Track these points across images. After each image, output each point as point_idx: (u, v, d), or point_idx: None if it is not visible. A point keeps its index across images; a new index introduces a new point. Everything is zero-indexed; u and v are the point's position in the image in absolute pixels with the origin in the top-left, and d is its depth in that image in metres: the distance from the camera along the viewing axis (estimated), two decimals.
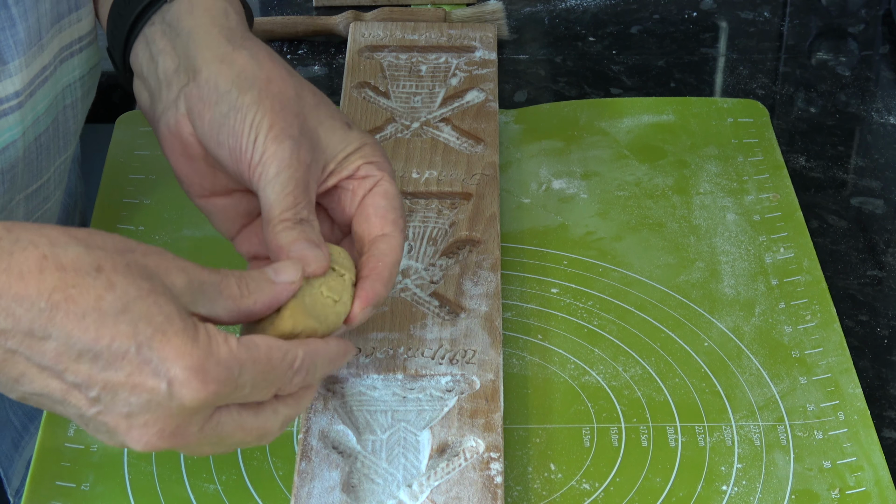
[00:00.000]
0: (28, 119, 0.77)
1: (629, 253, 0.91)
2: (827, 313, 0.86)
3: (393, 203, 0.72)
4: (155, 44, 0.76)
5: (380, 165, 0.73)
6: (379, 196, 0.72)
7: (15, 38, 0.74)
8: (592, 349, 0.84)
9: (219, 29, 0.75)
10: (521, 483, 0.76)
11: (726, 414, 0.80)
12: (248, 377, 0.61)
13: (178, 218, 0.93)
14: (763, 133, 1.02)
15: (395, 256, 0.71)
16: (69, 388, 0.59)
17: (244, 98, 0.71)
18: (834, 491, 0.75)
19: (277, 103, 0.71)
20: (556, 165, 0.98)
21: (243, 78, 0.72)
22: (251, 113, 0.71)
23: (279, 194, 0.70)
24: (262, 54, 0.74)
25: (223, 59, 0.73)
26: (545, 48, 1.15)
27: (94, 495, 0.75)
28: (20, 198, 0.81)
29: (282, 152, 0.70)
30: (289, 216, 0.69)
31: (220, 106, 0.72)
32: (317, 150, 0.72)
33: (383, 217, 0.72)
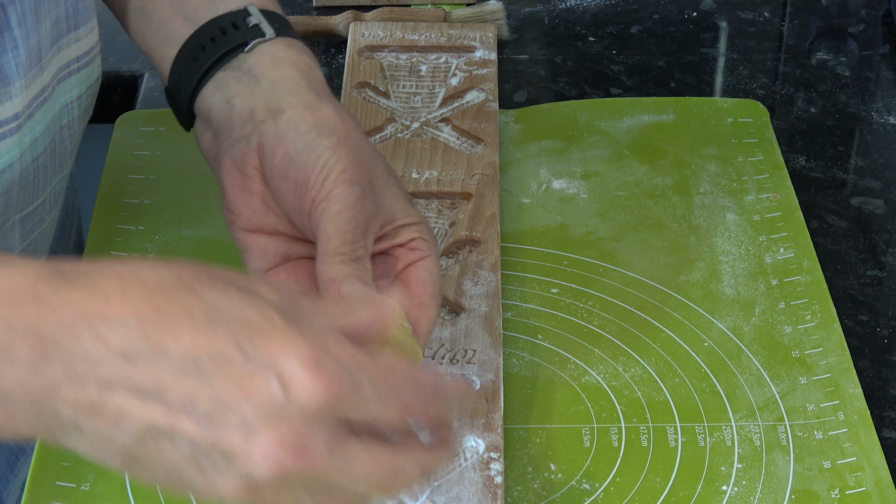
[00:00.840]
0: (26, 141, 0.77)
1: (629, 253, 0.91)
2: (827, 313, 0.86)
3: (434, 279, 0.71)
4: (229, 88, 0.76)
5: (430, 246, 0.72)
6: (423, 269, 0.71)
7: (17, 60, 0.74)
8: (592, 349, 0.84)
9: (307, 82, 0.75)
10: (521, 483, 0.76)
11: (726, 414, 0.80)
12: (368, 378, 0.55)
13: (178, 218, 0.93)
14: (763, 133, 1.02)
15: (428, 326, 0.69)
16: (175, 412, 0.53)
17: (322, 141, 0.71)
18: (834, 491, 0.75)
19: (353, 153, 0.71)
20: (556, 165, 0.98)
21: (325, 125, 0.72)
22: (326, 154, 0.71)
23: (340, 229, 0.69)
24: (345, 113, 0.74)
25: (308, 106, 0.73)
26: (545, 48, 1.15)
27: (94, 495, 0.75)
28: (15, 219, 0.80)
29: (349, 194, 0.69)
30: (346, 251, 0.68)
31: (297, 143, 0.72)
32: (379, 207, 0.72)
33: (423, 287, 0.71)
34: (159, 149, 0.99)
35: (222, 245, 0.91)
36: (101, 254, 0.90)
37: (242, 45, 0.78)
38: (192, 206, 0.94)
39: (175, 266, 0.56)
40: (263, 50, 0.77)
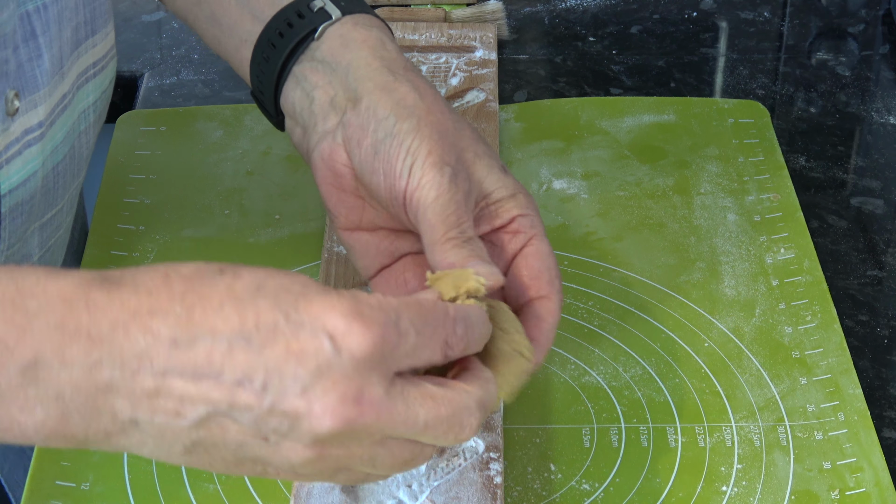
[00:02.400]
0: (48, 149, 0.77)
1: (630, 253, 0.91)
2: (827, 314, 0.86)
3: (547, 263, 0.70)
4: (307, 80, 0.75)
5: (533, 221, 0.71)
6: (532, 257, 0.70)
7: (41, 68, 0.74)
8: (593, 349, 0.84)
9: (379, 61, 0.74)
10: (521, 483, 0.76)
11: (726, 414, 0.80)
12: (407, 321, 0.56)
13: (179, 218, 0.93)
14: (763, 133, 1.02)
15: (552, 320, 0.69)
16: (232, 389, 0.54)
17: (402, 125, 0.70)
18: (834, 492, 0.75)
19: (436, 132, 0.70)
20: (557, 165, 0.98)
21: (403, 106, 0.71)
22: (409, 139, 0.69)
23: (441, 215, 0.68)
24: (423, 86, 0.72)
25: (384, 88, 0.72)
26: (545, 48, 1.15)
27: (94, 495, 0.75)
28: (35, 227, 0.80)
29: (440, 177, 0.68)
30: (455, 234, 0.67)
31: (378, 132, 0.70)
32: (472, 182, 0.70)
33: (538, 278, 0.70)
34: (159, 149, 0.99)
35: (222, 245, 0.91)
36: (101, 254, 0.90)
37: (312, 32, 0.76)
38: (193, 206, 0.94)
39: (216, 263, 0.57)
40: (333, 33, 0.75)
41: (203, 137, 1.00)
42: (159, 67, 1.11)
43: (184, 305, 0.55)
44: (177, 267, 0.56)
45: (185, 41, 1.14)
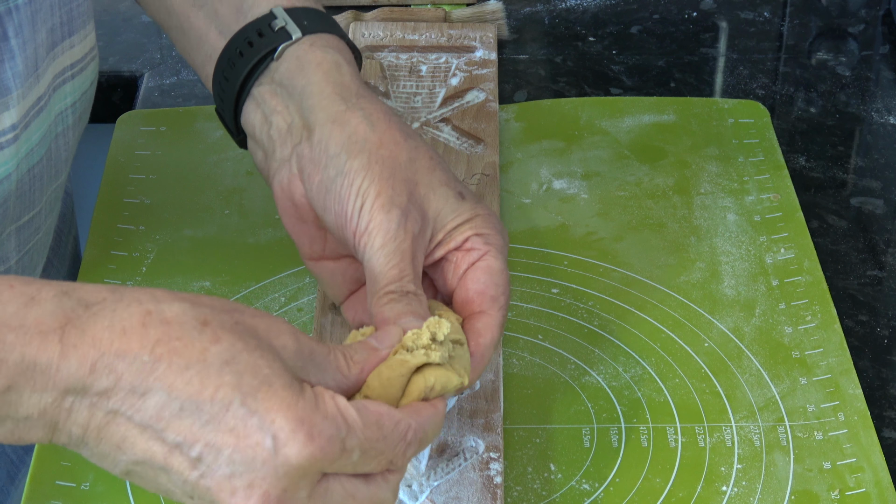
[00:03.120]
0: (22, 151, 0.76)
1: (630, 253, 0.91)
2: (827, 314, 0.86)
3: (495, 279, 0.70)
4: (266, 104, 0.74)
5: (488, 238, 0.70)
6: (481, 271, 0.70)
7: (14, 70, 0.73)
8: (592, 349, 0.84)
9: (332, 86, 0.73)
10: (521, 483, 0.76)
11: (726, 414, 0.80)
12: (357, 441, 0.58)
13: (178, 218, 0.93)
14: (764, 133, 1.02)
15: (490, 336, 0.69)
16: (170, 449, 0.57)
17: (352, 163, 0.69)
18: (834, 492, 0.75)
19: (387, 169, 0.69)
20: (557, 165, 0.98)
21: (354, 141, 0.70)
22: (359, 179, 0.69)
23: (384, 266, 0.68)
24: (377, 113, 0.71)
25: (336, 120, 0.71)
26: (545, 48, 1.15)
27: (94, 495, 0.75)
28: (11, 230, 0.79)
29: (388, 223, 0.68)
30: (394, 288, 0.67)
31: (329, 169, 0.70)
32: (425, 218, 0.70)
33: (482, 293, 0.69)
34: (159, 149, 0.99)
35: (222, 245, 0.91)
36: (101, 254, 0.90)
37: (272, 52, 0.75)
38: (193, 206, 0.94)
39: (201, 305, 0.58)
40: (290, 55, 0.75)
41: (203, 137, 1.00)
42: (159, 67, 1.11)
43: (152, 355, 0.56)
44: (161, 307, 0.57)
45: None
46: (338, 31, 0.77)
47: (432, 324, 0.64)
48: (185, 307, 0.58)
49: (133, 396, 0.56)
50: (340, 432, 0.57)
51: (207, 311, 0.58)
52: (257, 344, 0.58)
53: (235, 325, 0.58)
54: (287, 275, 0.88)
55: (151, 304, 0.57)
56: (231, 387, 0.56)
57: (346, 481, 0.59)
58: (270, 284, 0.88)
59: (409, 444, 0.61)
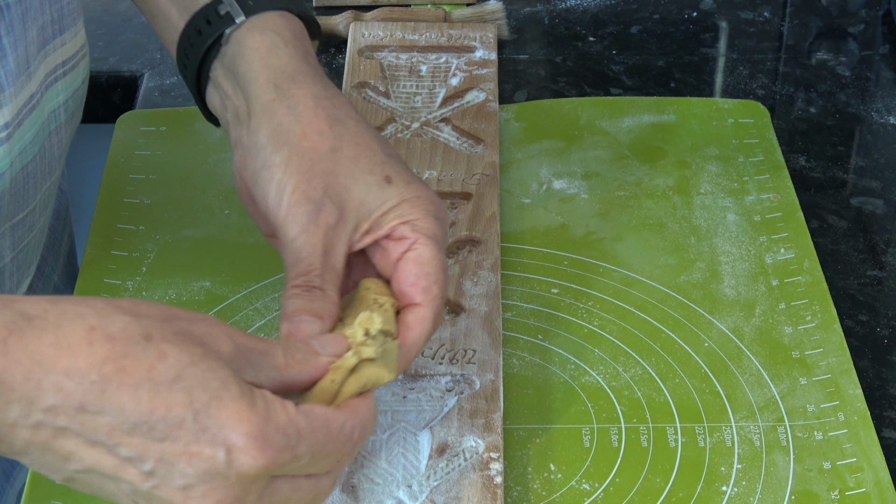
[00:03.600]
0: (15, 149, 0.76)
1: (629, 253, 0.91)
2: (827, 314, 0.86)
3: (425, 269, 0.69)
4: (221, 88, 0.75)
5: (415, 225, 0.70)
6: (410, 262, 0.69)
7: (6, 68, 0.73)
8: (592, 349, 0.84)
9: (267, 72, 0.73)
10: (521, 483, 0.76)
11: (726, 414, 0.80)
12: (307, 448, 0.59)
13: (178, 218, 0.93)
14: (764, 133, 1.02)
15: (420, 330, 0.68)
16: (122, 462, 0.57)
17: (275, 156, 0.70)
18: (834, 492, 0.75)
19: (306, 162, 0.69)
20: (557, 165, 0.98)
21: (278, 133, 0.71)
22: (279, 172, 0.70)
23: (293, 260, 0.68)
24: (304, 102, 0.71)
25: (265, 110, 0.72)
26: (545, 48, 1.15)
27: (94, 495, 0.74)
28: (6, 228, 0.79)
29: (300, 216, 0.68)
30: (299, 283, 0.67)
31: (257, 161, 0.71)
32: (346, 209, 0.69)
33: (413, 285, 0.69)
34: (159, 149, 0.99)
35: (222, 245, 0.91)
36: (100, 254, 0.90)
37: (220, 37, 0.75)
38: (193, 205, 0.94)
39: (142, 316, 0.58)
40: (235, 39, 0.75)
41: (203, 137, 1.00)
42: (159, 67, 1.11)
43: (101, 374, 0.56)
44: (104, 322, 0.57)
45: None
46: (284, 5, 0.76)
47: (364, 320, 0.65)
48: (128, 321, 0.58)
49: (83, 415, 0.56)
50: (291, 441, 0.58)
51: (148, 322, 0.58)
52: (202, 353, 0.58)
53: (176, 334, 0.58)
54: None
55: (95, 319, 0.57)
56: (182, 404, 0.57)
57: (292, 478, 0.61)
58: (270, 284, 0.88)
59: (355, 443, 0.62)
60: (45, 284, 0.95)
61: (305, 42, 0.76)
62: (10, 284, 0.83)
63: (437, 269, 0.70)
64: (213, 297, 0.87)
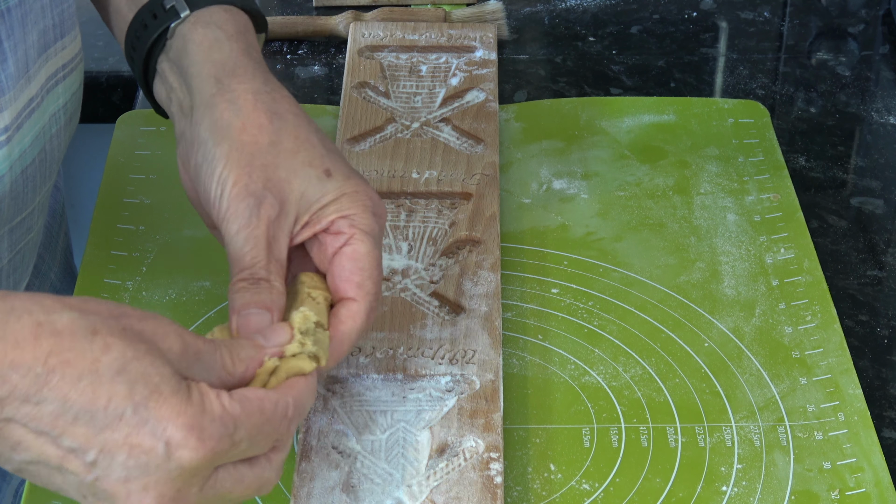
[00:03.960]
0: (15, 153, 0.76)
1: (629, 253, 0.91)
2: (827, 314, 0.86)
3: (360, 264, 0.70)
4: (167, 80, 0.76)
5: (353, 220, 0.70)
6: (346, 257, 0.70)
7: (6, 72, 0.73)
8: (592, 349, 0.84)
9: (210, 66, 0.74)
10: (521, 483, 0.76)
11: (726, 414, 0.80)
12: (245, 432, 0.60)
13: (178, 218, 0.93)
14: (764, 133, 1.02)
15: (352, 324, 0.69)
16: (65, 453, 0.58)
17: (215, 150, 0.71)
18: (834, 492, 0.75)
19: (245, 156, 0.70)
20: (557, 165, 0.98)
21: (219, 127, 0.71)
22: (220, 166, 0.70)
23: (237, 253, 0.69)
24: (244, 97, 0.72)
25: (207, 104, 0.72)
26: (545, 48, 1.15)
27: None
28: (4, 231, 0.79)
29: (242, 210, 0.69)
30: (245, 276, 0.68)
31: (198, 155, 0.71)
32: (287, 202, 0.70)
33: (347, 280, 0.70)
34: (159, 149, 0.99)
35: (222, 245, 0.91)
36: (100, 254, 0.90)
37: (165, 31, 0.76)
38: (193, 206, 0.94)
39: (90, 313, 0.59)
40: (179, 33, 0.76)
41: None
42: None
43: (46, 367, 0.57)
44: (51, 318, 0.58)
45: None
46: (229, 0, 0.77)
47: (296, 319, 0.66)
48: (75, 317, 0.59)
49: (27, 405, 0.57)
50: (228, 429, 0.60)
51: (96, 318, 0.59)
52: (146, 349, 0.59)
53: (123, 330, 0.59)
54: None
55: (42, 314, 0.58)
56: (123, 396, 0.58)
57: (233, 469, 0.62)
58: None
59: (291, 420, 0.63)
60: (43, 283, 0.95)
61: (249, 36, 0.77)
62: (7, 286, 0.83)
63: (371, 265, 0.70)
64: (213, 297, 0.87)
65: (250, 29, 0.77)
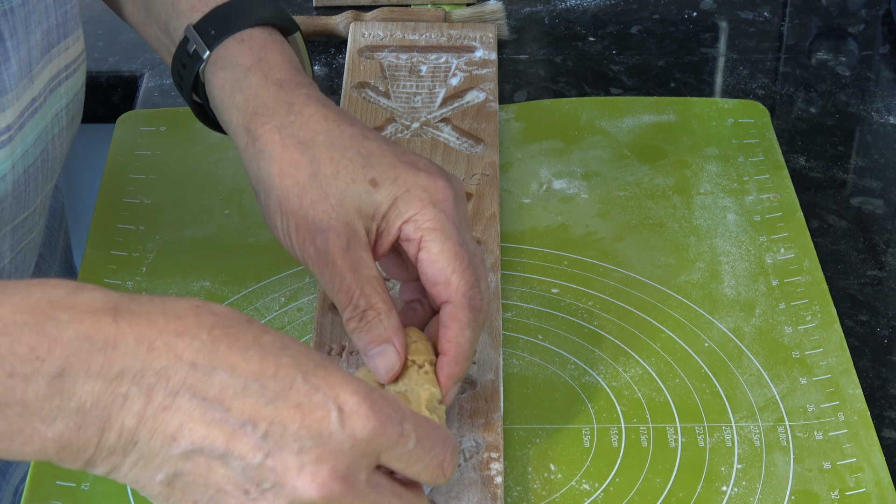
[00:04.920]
0: (17, 153, 0.76)
1: (629, 253, 0.91)
2: (827, 314, 0.86)
3: (438, 266, 0.69)
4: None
5: (416, 222, 0.70)
6: (423, 265, 0.70)
7: (8, 71, 0.73)
8: (592, 349, 0.84)
9: (236, 113, 0.74)
10: (521, 483, 0.76)
11: (726, 414, 0.80)
12: (412, 426, 0.59)
13: (178, 218, 0.93)
14: (764, 133, 1.02)
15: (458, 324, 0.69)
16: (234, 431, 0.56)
17: (268, 203, 0.71)
18: (834, 492, 0.75)
19: (294, 199, 0.70)
20: (557, 165, 0.98)
21: (261, 179, 0.72)
22: (277, 218, 0.71)
23: (334, 295, 0.69)
24: (271, 139, 0.72)
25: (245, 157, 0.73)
26: (545, 48, 1.15)
27: (93, 495, 0.75)
28: (6, 231, 0.79)
29: (313, 254, 0.69)
30: (349, 315, 0.68)
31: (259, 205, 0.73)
32: (350, 224, 0.70)
33: (434, 286, 0.70)
34: (159, 149, 0.99)
35: (222, 245, 0.91)
36: (100, 254, 0.90)
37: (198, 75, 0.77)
38: (193, 206, 0.94)
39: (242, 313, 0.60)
40: (207, 77, 0.77)
41: (203, 137, 1.00)
42: (159, 67, 1.11)
43: (211, 336, 0.56)
44: (208, 303, 0.58)
45: None
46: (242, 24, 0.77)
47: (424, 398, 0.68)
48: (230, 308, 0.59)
49: (195, 374, 0.56)
50: (397, 414, 0.59)
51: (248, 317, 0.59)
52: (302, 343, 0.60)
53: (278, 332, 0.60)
54: (287, 275, 0.88)
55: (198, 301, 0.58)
56: (291, 366, 0.57)
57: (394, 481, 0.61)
58: (270, 284, 0.88)
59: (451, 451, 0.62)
60: None
61: (270, 54, 0.76)
62: None
63: (448, 259, 0.70)
64: (213, 297, 0.87)
65: (268, 45, 0.76)
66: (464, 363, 0.69)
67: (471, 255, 0.70)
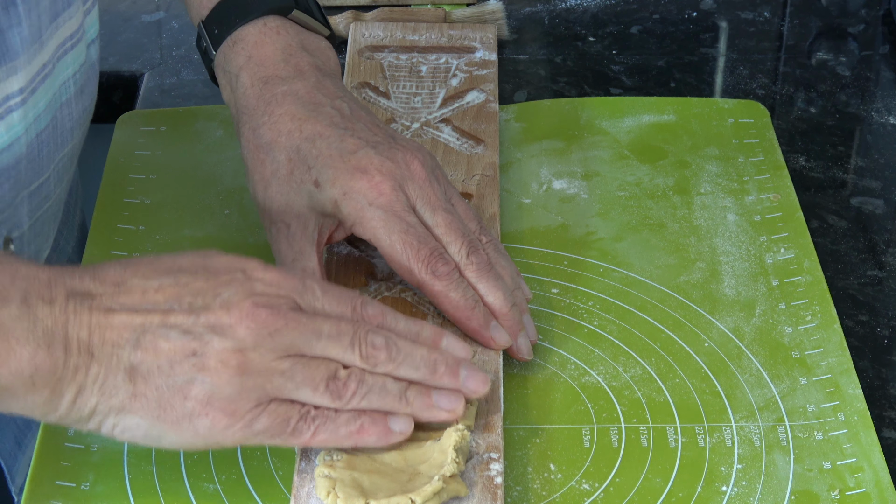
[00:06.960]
0: (30, 116, 0.79)
1: (630, 253, 0.91)
2: (827, 314, 0.86)
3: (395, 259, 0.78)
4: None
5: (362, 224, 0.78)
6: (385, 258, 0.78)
7: (21, 35, 0.75)
8: (592, 349, 0.84)
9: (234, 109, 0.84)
10: (521, 483, 0.76)
11: (726, 414, 0.80)
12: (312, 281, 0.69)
13: (178, 218, 0.93)
14: (764, 133, 1.02)
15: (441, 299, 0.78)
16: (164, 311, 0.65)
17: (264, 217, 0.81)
18: (834, 492, 0.75)
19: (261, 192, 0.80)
20: (557, 165, 0.98)
21: (253, 194, 0.82)
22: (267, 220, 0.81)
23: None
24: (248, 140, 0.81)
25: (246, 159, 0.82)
26: (545, 48, 1.15)
27: (94, 495, 0.75)
28: (24, 195, 0.82)
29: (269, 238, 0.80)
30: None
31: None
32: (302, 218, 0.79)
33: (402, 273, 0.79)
34: (160, 149, 0.99)
35: (222, 245, 0.91)
36: (101, 253, 0.90)
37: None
38: (193, 205, 0.94)
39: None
40: (216, 74, 0.86)
41: (203, 137, 1.00)
42: (159, 67, 1.11)
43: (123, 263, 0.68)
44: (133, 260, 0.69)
45: (185, 41, 1.14)
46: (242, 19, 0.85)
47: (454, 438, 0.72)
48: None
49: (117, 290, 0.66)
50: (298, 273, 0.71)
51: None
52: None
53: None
54: None
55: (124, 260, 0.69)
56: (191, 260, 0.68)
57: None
58: None
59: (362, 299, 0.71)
60: (60, 257, 0.98)
61: (262, 49, 0.83)
62: (29, 252, 0.87)
63: (399, 252, 0.78)
64: None
65: (261, 40, 0.84)
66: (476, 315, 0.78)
67: (420, 235, 0.77)
